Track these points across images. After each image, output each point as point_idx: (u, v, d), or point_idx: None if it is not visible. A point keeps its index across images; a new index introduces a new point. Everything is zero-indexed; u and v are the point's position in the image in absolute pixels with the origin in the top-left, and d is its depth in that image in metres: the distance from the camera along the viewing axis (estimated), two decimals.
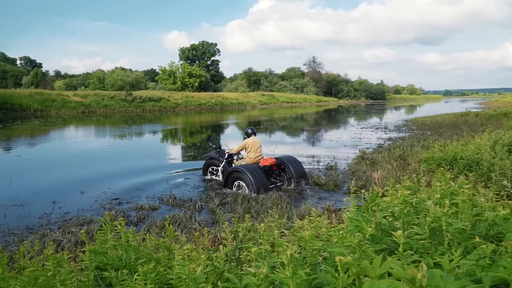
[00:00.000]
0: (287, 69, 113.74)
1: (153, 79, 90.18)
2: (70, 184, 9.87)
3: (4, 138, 21.60)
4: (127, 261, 2.19)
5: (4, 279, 2.00)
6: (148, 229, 5.97)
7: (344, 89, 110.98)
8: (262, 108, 65.63)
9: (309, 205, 6.72)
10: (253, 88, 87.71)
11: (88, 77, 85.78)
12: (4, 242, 5.90)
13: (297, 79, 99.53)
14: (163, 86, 72.62)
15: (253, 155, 9.49)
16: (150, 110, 50.82)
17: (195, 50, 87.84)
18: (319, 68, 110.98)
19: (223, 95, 67.27)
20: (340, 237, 1.70)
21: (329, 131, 26.44)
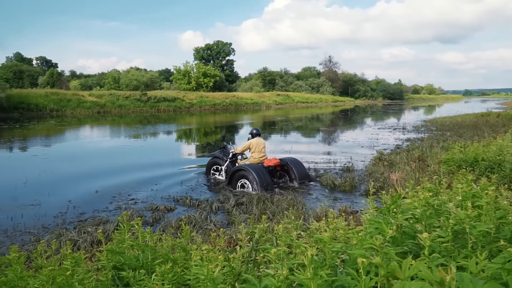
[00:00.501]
0: (302, 68, 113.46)
1: (167, 79, 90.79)
2: (85, 184, 9.99)
3: (21, 137, 21.99)
4: (144, 261, 2.20)
5: (23, 278, 2.03)
6: (163, 230, 6.02)
7: (361, 89, 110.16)
8: (277, 108, 65.57)
9: (325, 207, 6.69)
10: (268, 88, 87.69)
11: (103, 77, 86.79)
12: (20, 241, 6.00)
13: (312, 79, 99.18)
14: (178, 86, 73.09)
15: (257, 155, 9.75)
16: (164, 110, 51.19)
17: (209, 49, 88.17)
18: (335, 67, 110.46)
19: (237, 95, 67.42)
20: (360, 239, 1.68)
21: (346, 131, 26.29)
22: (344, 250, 1.78)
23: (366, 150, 15.61)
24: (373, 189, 3.42)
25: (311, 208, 7.18)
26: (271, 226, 5.07)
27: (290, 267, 1.62)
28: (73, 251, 4.61)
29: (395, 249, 1.58)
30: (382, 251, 1.46)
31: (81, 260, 2.25)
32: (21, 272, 2.08)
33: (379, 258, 1.04)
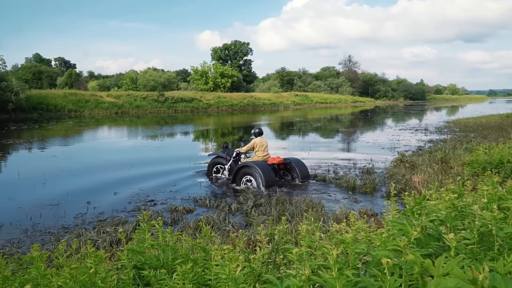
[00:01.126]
0: (321, 68, 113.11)
1: (185, 80, 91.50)
2: (104, 184, 10.14)
3: (40, 138, 22.44)
4: (165, 261, 2.24)
5: (45, 276, 2.08)
6: (181, 230, 6.07)
7: (382, 89, 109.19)
8: (295, 108, 65.45)
9: (345, 209, 6.66)
10: (286, 88, 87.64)
11: (121, 77, 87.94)
12: (40, 240, 6.13)
13: (332, 79, 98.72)
14: (195, 86, 73.57)
15: (261, 154, 10.16)
16: (182, 111, 51.59)
17: (227, 49, 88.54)
18: (355, 67, 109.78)
19: (255, 95, 67.54)
20: (383, 240, 1.68)
21: (366, 132, 26.10)
22: (367, 251, 1.78)
23: (386, 152, 15.47)
24: (395, 191, 3.40)
25: (330, 210, 7.16)
26: (290, 227, 5.08)
27: (312, 268, 1.63)
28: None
29: (420, 250, 1.57)
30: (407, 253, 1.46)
31: (102, 259, 2.29)
32: (44, 270, 2.13)
33: (412, 256, 1.04)
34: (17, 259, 2.46)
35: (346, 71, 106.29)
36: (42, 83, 74.77)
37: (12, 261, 2.43)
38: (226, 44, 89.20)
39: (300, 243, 2.26)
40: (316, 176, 10.58)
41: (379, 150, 16.05)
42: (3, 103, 38.01)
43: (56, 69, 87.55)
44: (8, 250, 5.37)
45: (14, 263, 2.43)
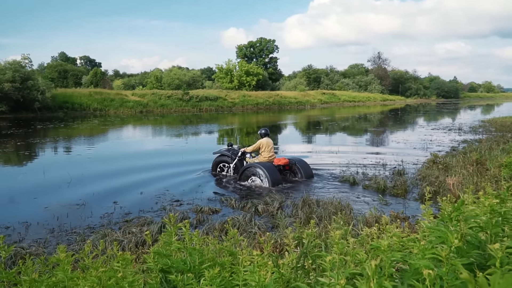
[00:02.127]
0: (349, 65, 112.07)
1: (209, 78, 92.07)
2: (130, 184, 10.29)
3: (65, 137, 22.97)
4: (192, 265, 2.23)
5: (72, 279, 2.11)
6: (207, 232, 6.09)
7: (413, 87, 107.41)
8: (322, 107, 65.02)
9: (375, 212, 6.56)
10: (313, 87, 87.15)
11: (146, 76, 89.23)
12: (66, 241, 6.26)
13: (360, 77, 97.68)
14: (220, 85, 73.96)
15: (267, 154, 10.54)
16: (206, 110, 51.95)
17: (252, 47, 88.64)
18: (384, 64, 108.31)
19: (281, 94, 67.43)
20: (422, 248, 1.63)
21: (396, 132, 25.69)
22: (404, 260, 1.73)
23: (418, 152, 15.19)
24: (429, 194, 3.32)
25: (359, 213, 7.07)
26: (319, 231, 5.03)
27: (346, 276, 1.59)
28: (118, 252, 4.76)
29: (461, 260, 1.51)
30: (449, 262, 1.41)
31: (129, 262, 2.31)
32: (70, 272, 2.15)
33: (466, 274, 0.99)
34: (44, 260, 2.50)
35: (375, 68, 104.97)
36: (68, 82, 76.55)
37: (39, 262, 2.47)
38: (252, 42, 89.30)
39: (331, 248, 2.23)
40: (343, 177, 10.49)
41: (410, 151, 15.78)
42: (29, 102, 39.09)
43: (82, 68, 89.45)
44: (34, 250, 5.50)
45: (40, 264, 2.47)
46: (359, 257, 1.75)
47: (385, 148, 17.48)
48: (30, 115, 38.55)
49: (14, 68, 40.06)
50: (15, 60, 43.27)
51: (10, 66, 40.57)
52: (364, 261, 1.69)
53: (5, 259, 5.04)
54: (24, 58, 48.92)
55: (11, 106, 38.38)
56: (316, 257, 2.46)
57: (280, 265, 2.20)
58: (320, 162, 13.28)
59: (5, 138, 21.22)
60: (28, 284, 1.98)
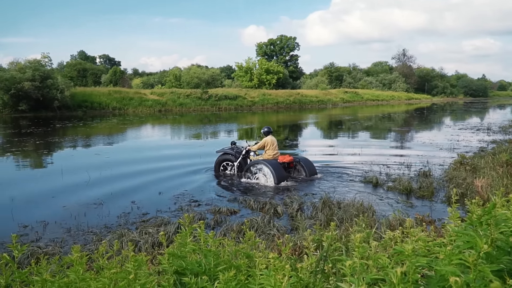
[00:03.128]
0: (373, 63, 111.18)
1: (229, 76, 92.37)
2: (148, 184, 10.37)
3: (84, 136, 23.31)
4: (207, 267, 2.21)
5: (85, 279, 2.10)
6: (224, 233, 6.08)
7: (439, 85, 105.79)
8: (344, 106, 64.54)
9: (400, 214, 6.44)
10: (334, 85, 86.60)
11: (164, 74, 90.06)
12: (83, 240, 6.32)
13: (384, 75, 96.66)
14: (239, 83, 74.06)
15: (271, 152, 10.84)
16: (225, 109, 52.11)
17: (273, 45, 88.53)
18: (410, 61, 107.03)
19: (302, 92, 67.18)
20: (448, 253, 1.57)
21: (421, 132, 25.32)
22: (429, 265, 1.67)
23: (445, 153, 14.93)
24: (456, 196, 3.23)
25: (382, 215, 6.96)
26: (339, 233, 4.96)
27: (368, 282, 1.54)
28: (134, 253, 4.78)
29: (490, 266, 1.45)
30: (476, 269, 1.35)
31: (143, 263, 2.29)
32: (83, 273, 2.15)
33: (496, 281, 0.94)
34: (58, 260, 2.51)
35: (400, 66, 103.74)
36: (87, 80, 77.88)
37: (53, 262, 2.48)
38: (272, 39, 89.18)
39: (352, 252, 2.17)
40: (366, 178, 10.37)
41: (437, 151, 15.51)
42: (49, 100, 39.83)
43: (101, 67, 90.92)
44: (51, 250, 5.57)
45: (54, 264, 2.48)
46: (382, 262, 1.70)
47: (410, 148, 17.23)
48: (49, 114, 39.27)
49: (34, 67, 40.87)
50: (35, 59, 44.17)
51: (30, 65, 41.40)
52: (386, 266, 1.64)
53: (22, 258, 5.13)
54: (44, 57, 50.01)
55: (31, 105, 39.16)
56: (336, 261, 2.41)
57: (299, 268, 2.15)
58: (342, 162, 13.16)
59: (25, 137, 21.65)
60: (40, 284, 1.98)
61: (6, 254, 2.27)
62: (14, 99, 38.41)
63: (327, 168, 12.13)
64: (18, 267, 2.97)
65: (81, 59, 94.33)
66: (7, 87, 37.70)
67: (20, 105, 38.66)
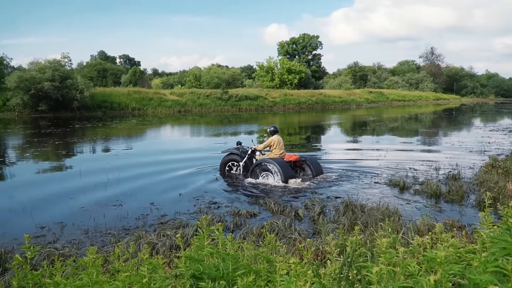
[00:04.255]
0: (399, 62, 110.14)
1: (250, 76, 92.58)
2: (168, 185, 10.42)
3: (103, 136, 23.63)
4: (225, 271, 2.17)
5: (98, 282, 2.09)
6: (244, 237, 6.04)
7: (469, 85, 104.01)
8: (369, 107, 63.97)
9: (428, 219, 6.30)
10: (359, 85, 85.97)
11: (184, 74, 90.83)
12: (101, 242, 6.37)
13: (411, 74, 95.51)
14: (260, 83, 74.15)
15: (278, 151, 11.02)
16: (246, 109, 52.20)
17: (295, 44, 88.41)
18: (438, 60, 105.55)
19: (325, 92, 66.89)
20: (483, 261, 1.49)
21: (450, 134, 24.88)
22: (463, 273, 1.59)
23: (475, 156, 14.61)
24: (489, 200, 3.12)
25: (410, 220, 6.81)
26: (364, 238, 4.86)
27: None
28: (151, 255, 4.78)
29: None
30: None
31: (159, 266, 2.27)
32: (97, 276, 2.13)
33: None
34: (73, 262, 2.50)
35: (427, 65, 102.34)
36: (107, 80, 79.01)
37: (68, 264, 2.47)
38: (294, 38, 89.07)
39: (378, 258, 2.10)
40: (392, 181, 10.20)
41: (466, 154, 15.20)
42: (68, 101, 40.57)
43: (121, 67, 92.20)
44: (67, 251, 5.62)
45: (69, 266, 2.48)
46: (411, 269, 1.63)
47: (438, 150, 16.93)
48: (68, 114, 39.98)
49: (54, 67, 41.70)
50: (54, 59, 45.05)
51: (50, 65, 42.25)
52: (416, 274, 1.57)
53: (39, 259, 5.17)
54: (63, 57, 51.00)
55: (51, 105, 39.96)
56: (361, 267, 2.34)
57: (322, 275, 2.10)
58: (366, 164, 13.00)
59: (44, 137, 22.06)
60: (52, 287, 1.97)
61: (19, 255, 2.27)
62: (34, 99, 39.24)
63: (350, 170, 11.99)
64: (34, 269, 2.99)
65: (101, 59, 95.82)
66: (27, 87, 38.55)
67: (40, 105, 39.47)
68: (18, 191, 10.25)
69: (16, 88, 39.14)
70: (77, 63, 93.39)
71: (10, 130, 28.10)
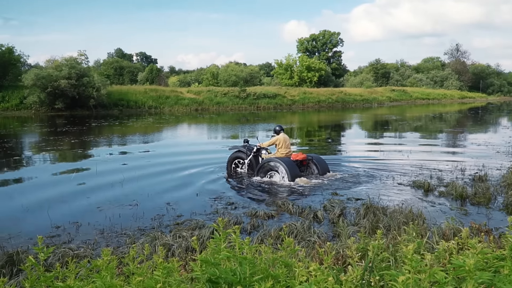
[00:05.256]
0: (423, 59, 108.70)
1: (268, 74, 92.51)
2: (184, 185, 10.47)
3: (120, 135, 23.86)
4: (242, 276, 2.14)
5: (112, 286, 2.08)
6: (261, 239, 6.01)
7: (495, 83, 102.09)
8: (391, 105, 63.35)
9: (453, 223, 6.19)
10: (381, 83, 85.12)
11: (202, 72, 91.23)
12: (116, 242, 6.41)
13: (435, 71, 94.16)
14: (279, 81, 73.99)
15: (284, 150, 11.19)
16: (264, 108, 52.17)
17: (315, 40, 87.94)
18: (463, 57, 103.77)
19: (345, 90, 66.41)
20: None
21: (476, 133, 24.48)
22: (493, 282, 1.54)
23: (502, 156, 14.34)
24: None
25: (434, 224, 6.70)
26: (386, 242, 4.79)
27: None
28: (167, 257, 4.78)
29: None
30: None
31: (174, 269, 2.25)
32: (111, 279, 2.13)
33: None
34: (87, 264, 2.51)
35: (452, 62, 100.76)
36: (124, 78, 79.79)
37: (81, 266, 2.48)
38: (314, 35, 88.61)
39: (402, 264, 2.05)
40: (415, 182, 10.06)
41: (493, 154, 14.92)
42: (85, 99, 41.08)
43: (138, 64, 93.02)
44: (82, 252, 5.66)
45: (83, 267, 2.48)
46: (438, 277, 1.58)
47: (463, 151, 16.66)
48: (85, 113, 40.50)
49: (70, 64, 42.27)
50: (71, 57, 45.72)
51: (66, 62, 42.83)
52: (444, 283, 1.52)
53: (53, 260, 5.23)
54: (80, 54, 51.73)
55: (67, 103, 40.52)
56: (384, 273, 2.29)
57: (343, 281, 2.06)
58: (388, 165, 12.85)
59: (60, 135, 22.38)
60: None
61: (32, 257, 2.28)
62: (50, 97, 39.82)
63: (372, 171, 11.87)
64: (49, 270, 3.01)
65: (118, 56, 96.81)
66: (44, 85, 39.14)
67: (56, 103, 40.04)
68: (34, 190, 10.39)
69: (33, 86, 39.77)
70: (94, 61, 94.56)
71: (27, 128, 28.59)
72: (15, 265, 5.20)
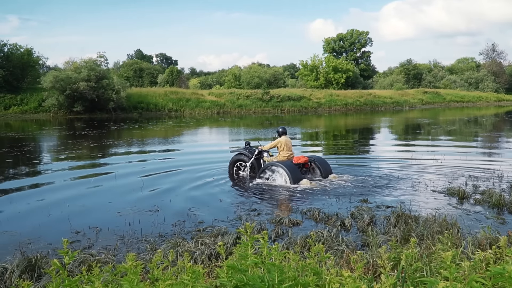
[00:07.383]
0: (457, 60, 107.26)
1: (293, 75, 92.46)
2: (205, 190, 10.55)
3: (139, 139, 24.17)
4: (270, 283, 2.17)
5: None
6: (287, 247, 6.02)
7: None
8: (423, 108, 62.63)
9: (490, 232, 6.09)
10: (412, 84, 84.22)
11: (223, 74, 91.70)
12: (137, 249, 6.50)
13: (470, 73, 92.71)
14: (304, 83, 73.89)
15: (286, 153, 11.42)
16: (288, 111, 52.17)
17: (342, 40, 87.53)
18: (500, 58, 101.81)
19: (374, 93, 65.97)
20: None
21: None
22: None
23: None
24: None
25: (468, 233, 6.62)
26: (420, 252, 4.76)
27: None
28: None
29: None
30: None
31: (200, 275, 2.29)
32: (137, 283, 2.18)
33: None
34: (112, 268, 2.57)
35: (488, 63, 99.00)
36: (143, 80, 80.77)
37: (106, 271, 2.54)
38: (341, 34, 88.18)
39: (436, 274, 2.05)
40: (449, 190, 9.93)
41: None
42: (104, 101, 41.74)
43: (157, 66, 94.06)
44: (103, 257, 5.76)
45: (107, 272, 2.54)
46: (475, 285, 1.58)
47: (500, 157, 16.35)
48: (104, 116, 41.15)
49: (90, 66, 43.01)
50: (90, 58, 46.50)
51: (85, 64, 43.59)
52: None
53: (74, 265, 5.33)
54: (99, 56, 52.71)
55: (86, 106, 41.23)
56: (419, 282, 2.30)
57: None
58: (420, 171, 12.70)
59: (79, 139, 22.80)
60: None
61: (56, 260, 2.35)
62: (69, 99, 40.58)
63: (403, 175, 11.76)
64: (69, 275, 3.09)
65: (138, 58, 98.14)
66: (63, 88, 39.89)
67: (75, 106, 40.76)
68: (53, 195, 10.58)
69: (52, 89, 40.59)
70: (113, 63, 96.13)
71: (45, 131, 29.21)
72: (35, 270, 5.31)
